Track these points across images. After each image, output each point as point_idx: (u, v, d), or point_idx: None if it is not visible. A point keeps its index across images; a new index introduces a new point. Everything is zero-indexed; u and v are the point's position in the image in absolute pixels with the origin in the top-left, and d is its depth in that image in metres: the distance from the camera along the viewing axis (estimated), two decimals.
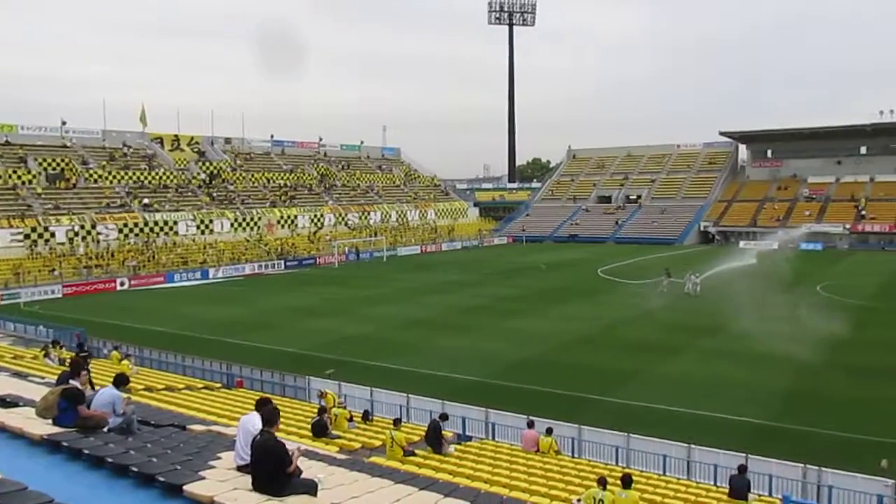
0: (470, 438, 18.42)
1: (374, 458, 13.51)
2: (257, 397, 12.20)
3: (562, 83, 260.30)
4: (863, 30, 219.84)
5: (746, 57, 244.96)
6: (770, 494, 14.90)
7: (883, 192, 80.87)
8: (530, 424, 17.45)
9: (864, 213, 77.76)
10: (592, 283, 49.22)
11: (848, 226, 76.17)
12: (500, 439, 18.51)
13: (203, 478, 6.90)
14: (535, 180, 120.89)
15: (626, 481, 11.24)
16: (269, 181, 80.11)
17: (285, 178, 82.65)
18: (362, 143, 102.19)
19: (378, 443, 15.75)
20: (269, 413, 7.27)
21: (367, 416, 18.69)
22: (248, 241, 66.93)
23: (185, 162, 75.64)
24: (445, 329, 33.58)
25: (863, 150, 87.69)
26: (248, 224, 69.54)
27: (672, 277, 43.52)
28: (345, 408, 18.45)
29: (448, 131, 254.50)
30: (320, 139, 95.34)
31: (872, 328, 32.52)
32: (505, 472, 14.03)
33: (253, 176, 79.57)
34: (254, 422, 7.61)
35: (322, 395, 19.07)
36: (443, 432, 16.04)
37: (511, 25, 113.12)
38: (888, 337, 30.37)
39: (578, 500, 11.20)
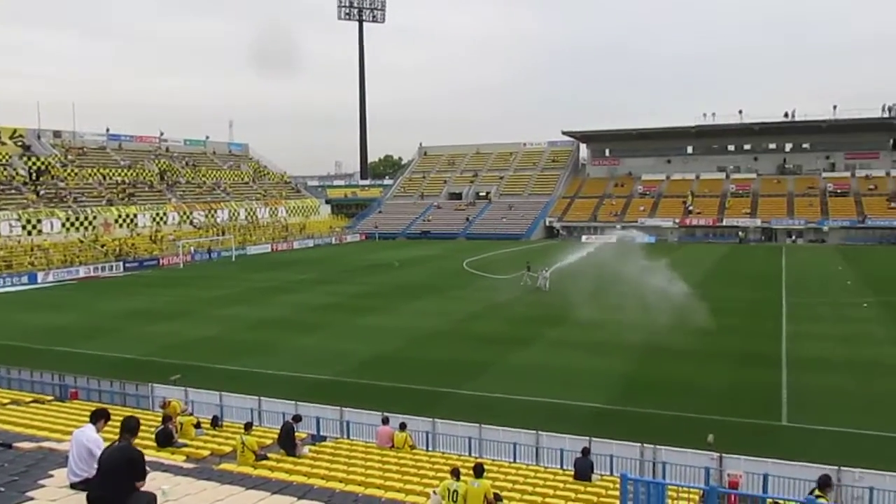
0: (324, 438, 18.23)
1: (224, 465, 13.05)
2: (93, 408, 11.44)
3: (412, 81, 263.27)
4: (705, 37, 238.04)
5: (592, 59, 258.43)
6: (611, 473, 15.81)
7: (707, 188, 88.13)
8: (385, 421, 17.52)
9: (691, 208, 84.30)
10: (445, 279, 50.07)
11: (677, 220, 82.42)
12: (356, 437, 18.46)
13: (32, 498, 6.45)
14: (387, 177, 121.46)
15: (478, 470, 11.51)
16: (104, 178, 75.23)
17: (123, 174, 77.95)
18: (208, 138, 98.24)
19: (228, 449, 15.22)
20: (134, 422, 7.32)
21: (216, 422, 17.99)
22: (81, 241, 62.50)
23: (7, 156, 69.50)
24: (297, 328, 32.99)
25: (689, 149, 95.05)
26: (81, 224, 64.94)
27: (531, 271, 45.20)
28: (191, 414, 17.69)
29: (299, 127, 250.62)
30: (161, 133, 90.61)
31: (700, 314, 35.16)
32: (360, 469, 14.00)
33: (86, 172, 74.40)
34: (88, 434, 7.18)
35: (165, 405, 18.07)
36: (296, 434, 15.78)
37: (361, 22, 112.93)
38: (713, 322, 32.97)
39: (434, 492, 11.35)
